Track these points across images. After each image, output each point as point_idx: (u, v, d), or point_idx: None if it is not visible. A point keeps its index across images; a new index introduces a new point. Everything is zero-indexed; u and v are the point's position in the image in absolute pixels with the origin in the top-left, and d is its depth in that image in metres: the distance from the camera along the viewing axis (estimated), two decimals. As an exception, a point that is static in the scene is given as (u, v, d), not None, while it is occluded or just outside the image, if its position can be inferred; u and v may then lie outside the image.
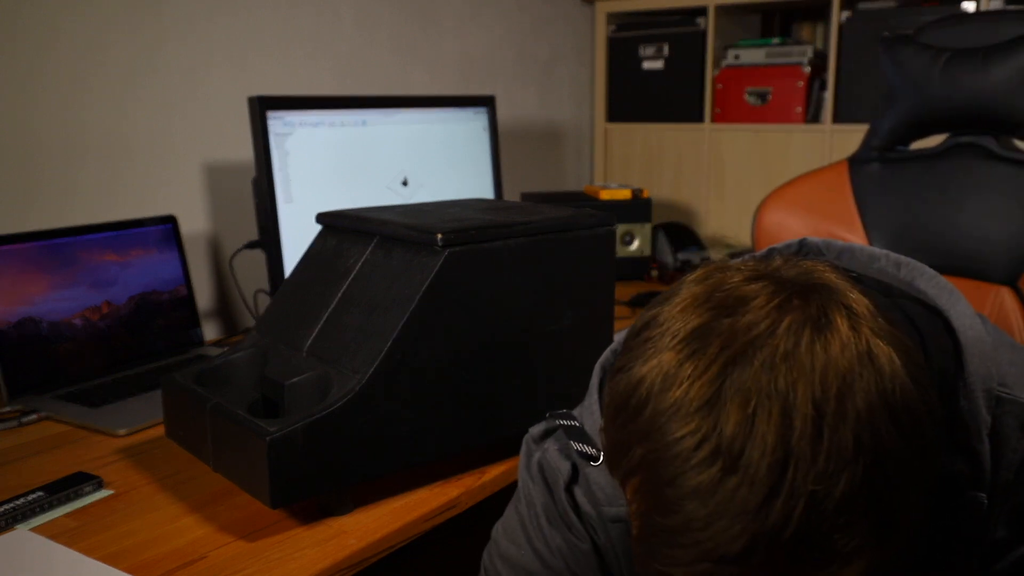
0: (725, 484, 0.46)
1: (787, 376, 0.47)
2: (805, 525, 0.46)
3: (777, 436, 0.46)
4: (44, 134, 1.52)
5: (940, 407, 0.54)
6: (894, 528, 0.50)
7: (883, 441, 0.48)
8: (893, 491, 0.48)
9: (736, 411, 0.47)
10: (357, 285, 1.07)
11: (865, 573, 0.49)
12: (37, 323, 1.39)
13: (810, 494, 0.46)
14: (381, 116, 1.70)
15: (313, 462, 0.93)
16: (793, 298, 0.51)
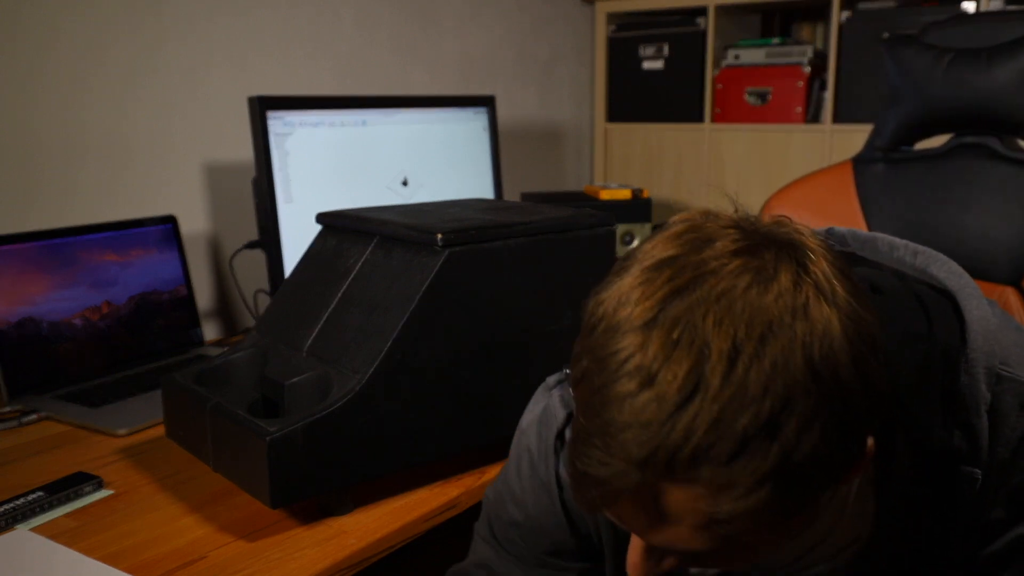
0: (639, 397, 0.51)
1: (716, 313, 0.52)
2: (703, 448, 0.51)
3: (691, 365, 0.51)
4: (44, 134, 1.52)
5: (881, 385, 0.56)
6: (795, 476, 0.53)
7: (795, 393, 0.51)
8: (798, 441, 0.51)
9: (662, 335, 0.52)
10: (357, 285, 1.07)
11: (756, 513, 0.53)
12: (37, 323, 1.39)
13: (711, 422, 0.50)
14: (381, 116, 1.70)
15: (313, 462, 0.93)
16: (755, 248, 0.55)
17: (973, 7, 2.11)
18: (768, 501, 0.53)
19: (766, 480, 0.52)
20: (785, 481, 0.53)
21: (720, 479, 0.52)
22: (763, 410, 0.51)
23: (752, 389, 0.51)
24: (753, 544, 0.60)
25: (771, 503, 0.54)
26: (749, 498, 0.53)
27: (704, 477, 0.52)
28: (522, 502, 0.85)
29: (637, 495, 0.55)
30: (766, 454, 0.51)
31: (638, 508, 0.56)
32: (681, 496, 0.54)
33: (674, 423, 0.51)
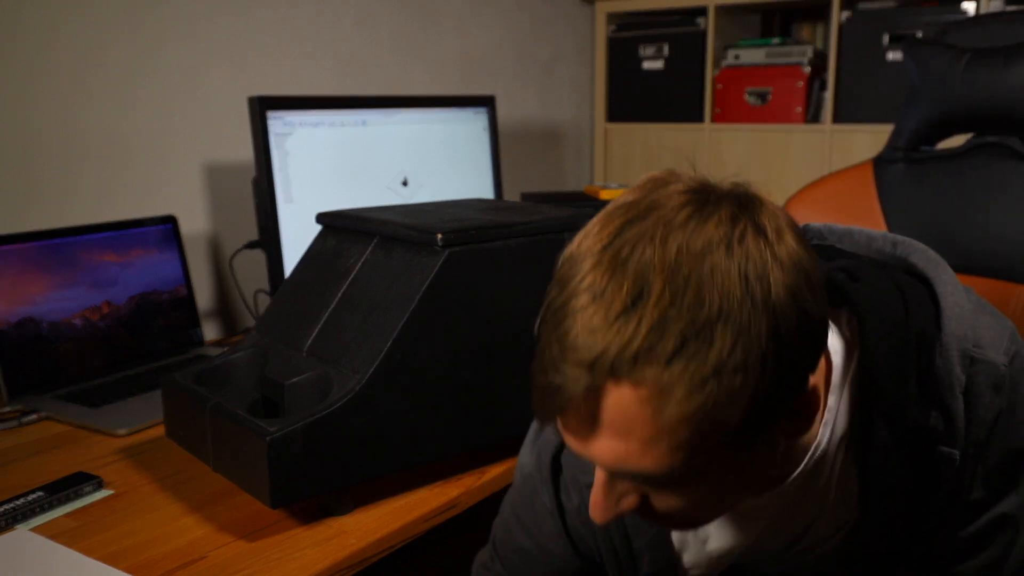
0: (589, 308, 0.58)
1: (660, 236, 0.58)
2: (644, 349, 0.56)
3: (634, 279, 0.57)
4: (44, 134, 1.52)
5: (817, 320, 0.61)
6: (733, 387, 0.56)
7: (730, 306, 0.56)
8: (732, 349, 0.56)
9: (612, 257, 0.58)
10: (357, 285, 1.07)
11: (699, 423, 0.57)
12: (37, 323, 1.39)
13: (651, 326, 0.56)
14: (381, 116, 1.70)
15: (313, 462, 0.93)
16: (704, 190, 0.61)
17: (973, 7, 2.11)
18: (710, 410, 0.57)
19: (705, 383, 0.56)
20: (724, 389, 0.56)
21: (662, 380, 0.56)
22: (699, 317, 0.56)
23: (689, 298, 0.56)
24: (706, 483, 0.63)
25: (711, 417, 0.57)
26: (691, 401, 0.56)
27: (647, 378, 0.56)
28: (528, 528, 0.88)
29: (587, 399, 0.58)
30: (704, 358, 0.56)
31: (589, 414, 0.59)
32: (627, 399, 0.57)
33: (618, 328, 0.56)
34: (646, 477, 0.62)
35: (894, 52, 2.21)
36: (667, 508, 0.66)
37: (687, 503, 0.65)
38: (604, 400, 0.58)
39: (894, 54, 2.21)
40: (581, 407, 0.59)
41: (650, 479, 0.63)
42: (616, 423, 0.59)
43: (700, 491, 0.64)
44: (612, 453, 0.60)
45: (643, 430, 0.58)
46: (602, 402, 0.58)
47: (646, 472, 0.61)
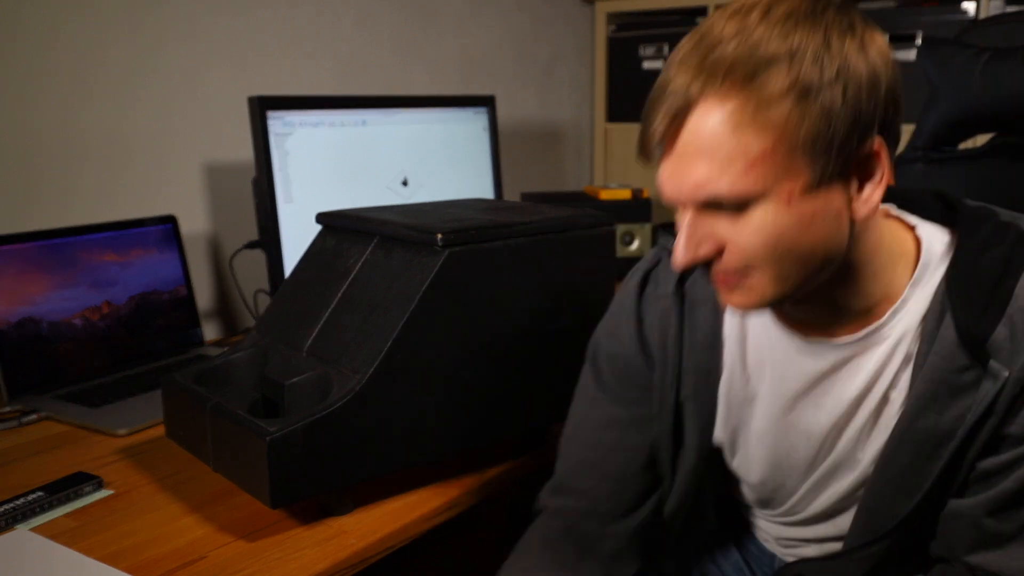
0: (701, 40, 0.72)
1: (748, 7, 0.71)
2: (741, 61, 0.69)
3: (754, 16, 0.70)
4: (44, 134, 1.52)
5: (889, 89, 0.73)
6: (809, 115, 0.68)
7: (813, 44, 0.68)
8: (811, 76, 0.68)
9: (702, 29, 0.73)
10: (357, 285, 1.06)
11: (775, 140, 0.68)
12: (37, 323, 1.39)
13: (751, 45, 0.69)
14: (381, 116, 1.70)
15: (313, 462, 0.93)
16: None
17: (973, 7, 2.11)
18: (784, 127, 0.68)
19: (783, 99, 0.67)
20: (798, 109, 0.68)
21: (742, 97, 0.68)
22: (781, 49, 0.68)
23: (779, 29, 0.68)
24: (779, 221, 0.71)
25: (787, 130, 0.68)
26: (771, 111, 0.68)
27: (731, 95, 0.68)
28: (614, 334, 0.96)
29: (686, 111, 0.70)
30: (781, 81, 0.67)
31: (681, 135, 0.71)
32: (714, 117, 0.69)
33: (712, 57, 0.69)
34: (725, 200, 0.71)
35: (895, 52, 2.21)
36: (738, 254, 0.73)
37: (756, 248, 0.72)
38: (692, 115, 0.70)
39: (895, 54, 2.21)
40: (681, 122, 0.71)
41: (728, 202, 0.71)
42: (703, 143, 0.70)
43: (769, 232, 0.71)
44: (697, 175, 0.71)
45: (724, 147, 0.69)
46: (689, 118, 0.70)
47: (724, 194, 0.70)
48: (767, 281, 0.74)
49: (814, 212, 0.71)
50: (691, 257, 0.75)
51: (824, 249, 0.73)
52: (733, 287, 0.76)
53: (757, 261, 0.73)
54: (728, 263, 0.74)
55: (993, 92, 1.34)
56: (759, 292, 0.75)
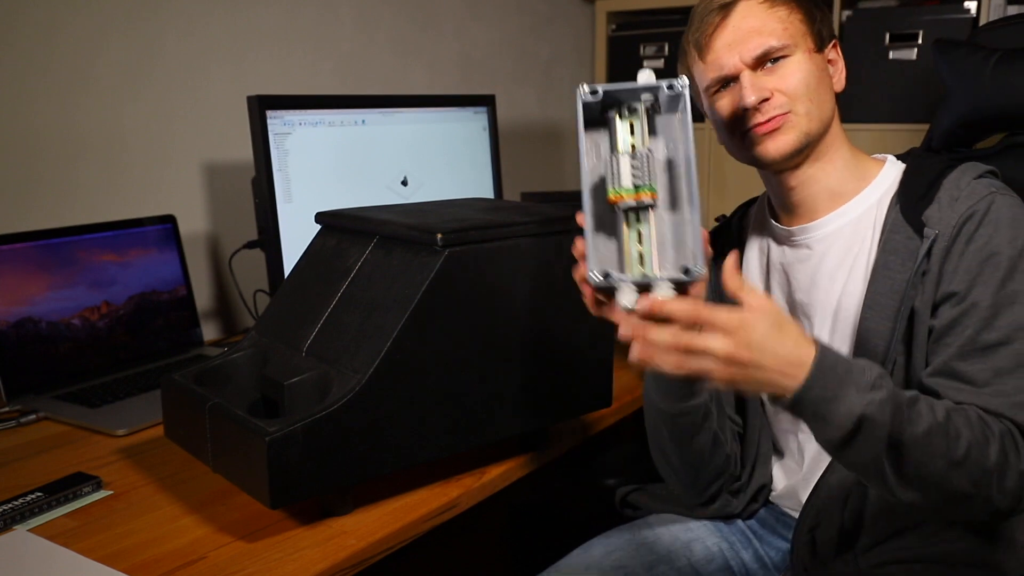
0: None
1: None
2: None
3: None
4: (43, 133, 1.52)
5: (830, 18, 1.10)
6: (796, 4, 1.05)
7: None
8: None
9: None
10: (357, 285, 1.06)
11: (788, 11, 1.05)
12: (36, 323, 1.38)
13: None
14: (381, 116, 1.69)
15: (313, 462, 0.93)
16: None
17: (975, 7, 2.11)
18: (796, 7, 1.04)
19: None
20: (803, 4, 1.05)
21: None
22: None
23: None
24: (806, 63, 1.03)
25: (800, 14, 1.04)
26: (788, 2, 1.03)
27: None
28: None
29: (732, 7, 1.03)
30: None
31: (730, 21, 1.03)
32: (755, 3, 1.03)
33: None
34: (777, 50, 1.02)
35: (895, 51, 2.21)
36: (785, 93, 1.02)
37: (798, 86, 1.02)
38: (739, 7, 1.03)
39: (895, 53, 2.21)
40: (728, 14, 1.03)
41: (779, 51, 1.02)
42: (752, 19, 1.02)
43: (802, 73, 1.02)
44: (754, 40, 1.02)
45: (768, 19, 1.02)
46: (737, 8, 1.03)
47: (777, 45, 1.01)
48: (803, 116, 1.02)
49: (822, 66, 1.05)
50: (760, 94, 1.01)
51: (828, 100, 1.05)
52: (779, 127, 1.02)
53: (798, 95, 1.02)
54: (776, 102, 1.02)
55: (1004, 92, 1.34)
56: (797, 127, 1.02)
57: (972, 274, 0.95)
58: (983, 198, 0.98)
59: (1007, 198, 0.98)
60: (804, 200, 1.09)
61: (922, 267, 0.97)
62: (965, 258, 0.95)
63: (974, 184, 1.00)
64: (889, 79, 2.22)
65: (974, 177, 1.01)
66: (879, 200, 1.06)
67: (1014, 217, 0.97)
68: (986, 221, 0.96)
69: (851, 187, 1.07)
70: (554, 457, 1.21)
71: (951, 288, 0.96)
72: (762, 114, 1.02)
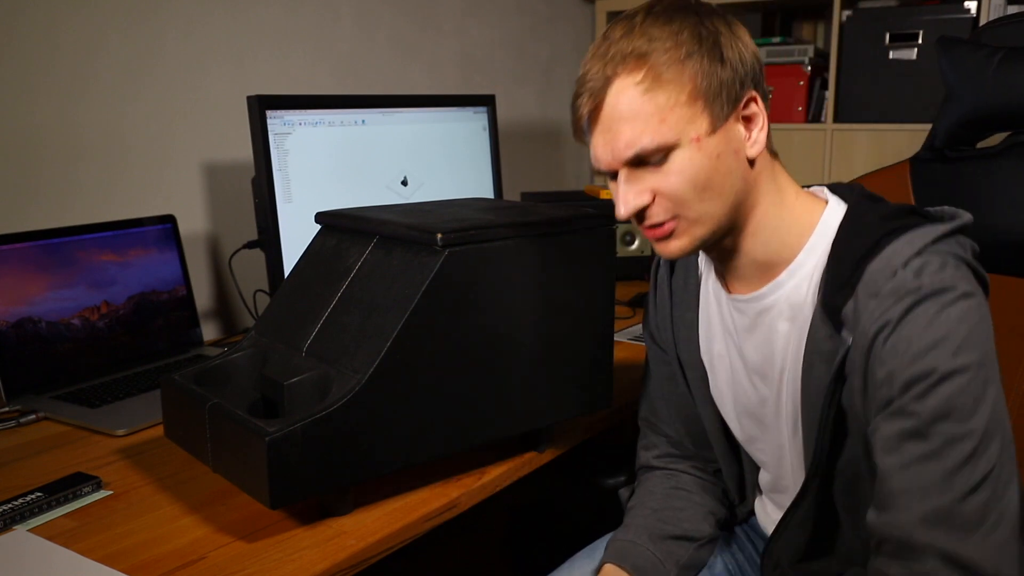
0: (599, 44, 0.92)
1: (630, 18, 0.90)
2: (636, 51, 0.87)
3: (627, 23, 0.90)
4: (43, 134, 1.52)
5: (746, 57, 0.88)
6: (700, 70, 0.86)
7: (693, 18, 0.88)
8: (692, 47, 0.86)
9: (615, 22, 0.92)
10: (357, 285, 1.06)
11: (670, 96, 0.85)
12: (36, 323, 1.38)
13: (638, 38, 0.87)
14: (381, 116, 1.69)
15: (313, 462, 0.93)
16: None
17: (975, 6, 2.11)
18: (686, 85, 0.85)
19: (685, 63, 0.85)
20: (692, 67, 0.85)
21: (652, 67, 0.85)
22: (668, 29, 0.86)
23: (664, 20, 0.87)
24: (696, 159, 0.85)
25: (690, 88, 0.85)
26: (673, 80, 0.85)
27: (642, 68, 0.85)
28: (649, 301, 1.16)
29: (603, 90, 0.86)
30: (678, 51, 0.85)
31: (606, 107, 0.86)
32: (630, 88, 0.85)
33: (615, 44, 0.87)
34: (650, 152, 0.85)
35: (895, 51, 2.21)
36: (669, 199, 0.87)
37: (682, 189, 0.86)
38: (609, 94, 0.86)
39: (895, 53, 2.21)
40: (601, 100, 0.86)
41: (652, 153, 0.85)
42: (623, 111, 0.85)
43: (689, 173, 0.86)
44: (625, 137, 0.85)
45: (641, 109, 0.85)
46: (609, 91, 0.86)
47: (651, 146, 0.85)
48: (694, 220, 0.88)
49: (719, 151, 0.86)
50: (631, 207, 0.88)
51: (731, 184, 0.88)
52: (668, 234, 0.89)
53: (684, 200, 0.87)
54: (660, 209, 0.88)
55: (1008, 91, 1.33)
56: (688, 233, 0.89)
57: (888, 401, 0.81)
58: (901, 299, 0.80)
59: (934, 301, 0.79)
60: (734, 270, 0.97)
61: (843, 371, 0.86)
62: (878, 380, 0.82)
63: (903, 275, 0.81)
64: (889, 79, 2.22)
65: (914, 253, 0.81)
66: (815, 268, 0.90)
67: (935, 334, 0.79)
68: (895, 337, 0.80)
69: (784, 255, 0.92)
70: (554, 457, 1.21)
71: (879, 394, 0.82)
72: (647, 219, 0.89)
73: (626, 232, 2.16)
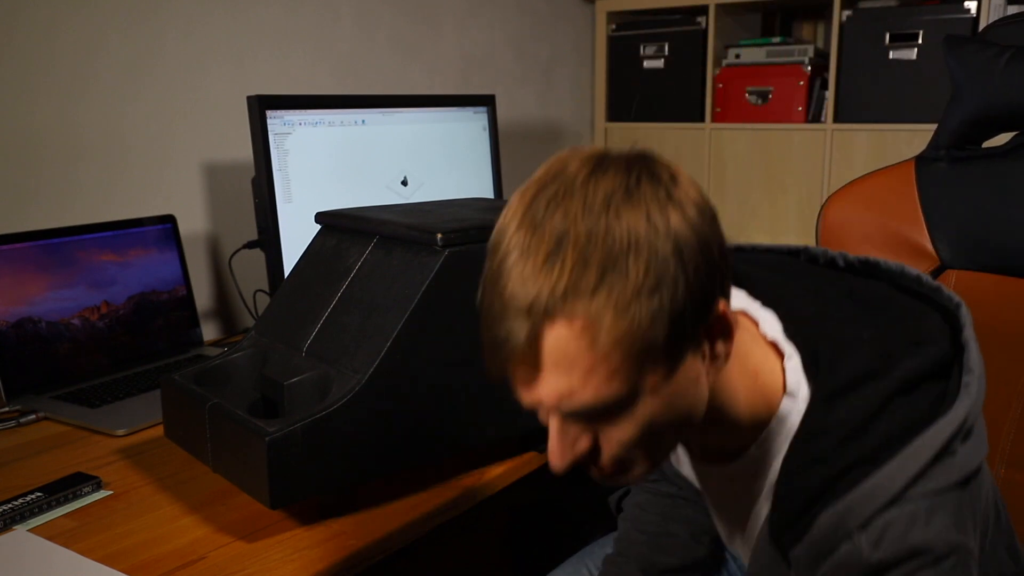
0: (518, 264, 0.64)
1: (567, 192, 0.65)
2: (571, 284, 0.63)
3: (553, 228, 0.64)
4: (43, 134, 1.52)
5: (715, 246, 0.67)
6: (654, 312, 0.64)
7: (637, 237, 0.63)
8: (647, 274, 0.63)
9: (530, 222, 0.65)
10: (357, 285, 1.06)
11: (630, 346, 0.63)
12: (36, 323, 1.38)
13: (573, 264, 0.63)
14: (381, 116, 1.69)
15: (313, 462, 0.93)
16: (603, 155, 0.67)
17: (975, 6, 2.11)
18: (636, 331, 0.63)
19: (628, 307, 0.63)
20: (645, 310, 0.63)
21: (590, 312, 0.62)
22: (613, 251, 0.62)
23: (601, 239, 0.63)
24: (644, 412, 0.67)
25: (639, 333, 0.63)
26: (619, 325, 0.63)
27: (578, 311, 0.62)
28: None
29: (529, 343, 0.64)
30: (623, 285, 0.62)
31: (532, 357, 0.65)
32: (564, 336, 0.63)
33: (545, 273, 0.63)
34: (591, 409, 0.67)
35: (895, 51, 2.21)
36: (615, 448, 0.70)
37: (630, 439, 0.69)
38: (544, 341, 0.64)
39: (895, 53, 2.21)
40: (526, 352, 0.64)
41: (595, 411, 0.67)
42: (558, 360, 0.64)
43: (640, 422, 0.68)
44: (558, 391, 0.66)
45: (581, 362, 0.64)
46: (542, 343, 0.64)
47: (590, 404, 0.66)
48: (645, 463, 0.72)
49: (676, 390, 0.68)
50: (569, 459, 0.71)
51: (688, 413, 0.71)
52: (615, 477, 0.73)
53: (634, 449, 0.70)
54: (607, 459, 0.71)
55: (1016, 91, 1.33)
56: (638, 475, 0.74)
57: None
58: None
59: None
60: (693, 447, 0.87)
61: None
62: None
63: (856, 545, 0.67)
64: (889, 79, 2.22)
65: (878, 509, 0.67)
66: (773, 463, 0.77)
67: None
68: None
69: (744, 442, 0.79)
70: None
71: None
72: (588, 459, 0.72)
73: (626, 232, 2.16)
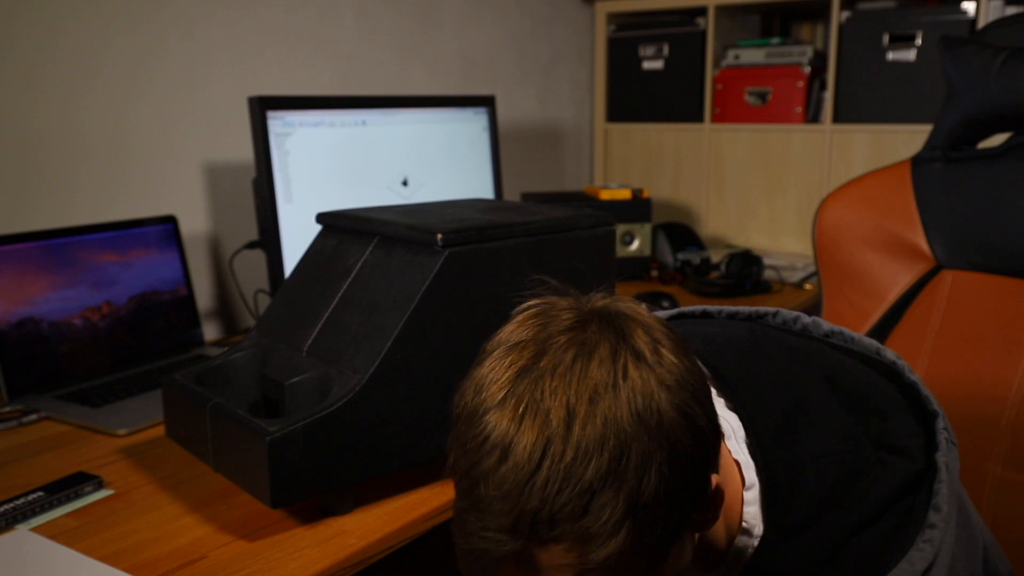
0: (499, 471, 0.59)
1: (551, 385, 0.60)
2: (559, 508, 0.58)
3: (536, 434, 0.58)
4: (45, 134, 1.52)
5: (707, 424, 0.63)
6: (647, 516, 0.59)
7: (627, 442, 0.58)
8: (639, 484, 0.58)
9: (511, 412, 0.59)
10: (357, 285, 1.07)
11: (622, 557, 0.59)
12: (37, 323, 1.39)
13: (561, 483, 0.57)
14: (381, 116, 1.70)
15: (313, 462, 0.93)
16: (582, 323, 0.63)
17: (973, 7, 2.11)
18: (630, 544, 0.59)
19: (621, 525, 0.58)
20: (639, 524, 0.59)
21: (580, 532, 0.58)
22: (603, 463, 0.58)
23: (590, 446, 0.58)
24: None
25: (634, 546, 0.59)
26: (611, 544, 0.58)
27: (567, 533, 0.58)
28: None
29: (515, 560, 0.61)
30: (615, 502, 0.58)
31: (519, 572, 0.61)
32: (553, 553, 0.59)
33: (530, 489, 0.58)
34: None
35: (894, 52, 2.21)
36: None
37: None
38: (531, 559, 0.60)
39: (894, 54, 2.21)
40: (509, 566, 0.61)
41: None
42: (548, 568, 0.61)
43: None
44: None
45: (574, 569, 0.61)
46: (529, 560, 0.61)
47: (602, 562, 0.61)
48: None
49: (670, 560, 0.65)
50: None
51: (676, 569, 0.68)
52: None
53: None
54: None
55: (1011, 92, 1.33)
56: None
57: None
58: None
59: None
60: None
61: None
62: None
63: None
64: (888, 80, 2.22)
65: None
66: None
67: None
68: None
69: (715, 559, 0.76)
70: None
71: None
72: None
73: (625, 232, 2.16)
